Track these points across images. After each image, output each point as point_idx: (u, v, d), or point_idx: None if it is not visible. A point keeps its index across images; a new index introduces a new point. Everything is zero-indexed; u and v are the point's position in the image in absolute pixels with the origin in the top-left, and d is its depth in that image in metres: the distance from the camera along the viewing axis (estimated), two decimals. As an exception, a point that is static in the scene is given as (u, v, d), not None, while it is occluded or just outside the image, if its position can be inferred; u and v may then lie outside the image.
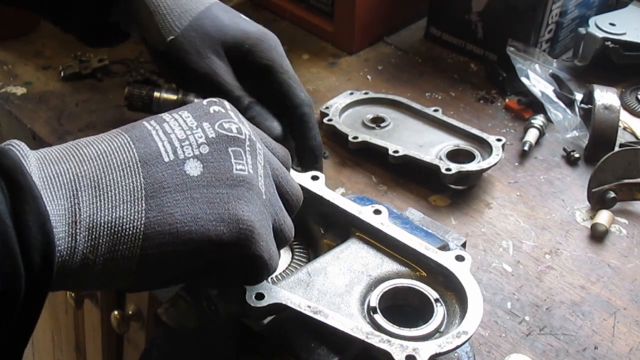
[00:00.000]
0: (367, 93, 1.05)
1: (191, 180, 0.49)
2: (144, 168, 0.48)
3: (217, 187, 0.49)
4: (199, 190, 0.49)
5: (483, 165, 0.89)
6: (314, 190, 0.66)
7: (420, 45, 1.24)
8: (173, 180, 0.48)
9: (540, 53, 1.10)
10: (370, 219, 0.64)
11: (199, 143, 0.50)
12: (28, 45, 1.20)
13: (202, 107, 0.53)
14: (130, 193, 0.47)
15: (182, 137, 0.50)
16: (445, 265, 0.61)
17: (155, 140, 0.49)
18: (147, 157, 0.48)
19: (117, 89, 1.09)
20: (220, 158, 0.50)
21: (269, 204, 0.52)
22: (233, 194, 0.50)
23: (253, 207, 0.50)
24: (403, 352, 0.53)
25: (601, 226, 0.85)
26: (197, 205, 0.48)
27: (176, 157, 0.49)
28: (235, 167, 0.50)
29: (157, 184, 0.48)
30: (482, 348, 0.72)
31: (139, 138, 0.49)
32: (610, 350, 0.72)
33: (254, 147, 0.52)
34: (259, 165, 0.52)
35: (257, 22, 0.77)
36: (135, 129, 0.50)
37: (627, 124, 1.04)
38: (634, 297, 0.78)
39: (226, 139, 0.51)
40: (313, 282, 0.60)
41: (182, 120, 0.51)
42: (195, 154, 0.50)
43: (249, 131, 0.53)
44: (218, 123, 0.52)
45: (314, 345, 0.59)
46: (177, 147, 0.49)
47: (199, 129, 0.51)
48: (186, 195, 0.48)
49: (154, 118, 0.52)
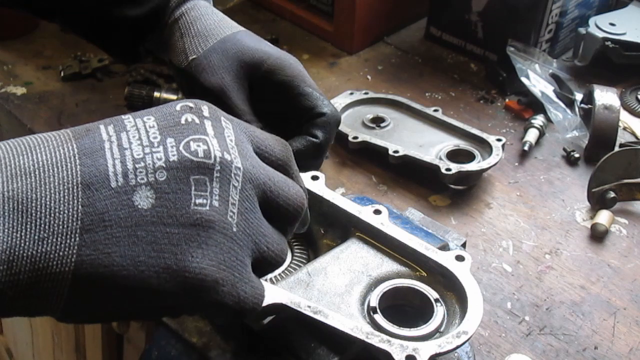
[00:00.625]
0: (367, 93, 1.05)
1: (138, 214, 0.42)
2: (85, 193, 0.41)
3: (168, 226, 0.42)
4: (146, 227, 0.42)
5: (483, 165, 0.89)
6: (314, 190, 0.66)
7: (420, 45, 1.24)
8: (117, 212, 0.41)
9: (540, 53, 1.10)
10: (370, 219, 0.64)
11: (156, 167, 0.42)
12: (28, 45, 1.20)
13: (173, 114, 0.46)
14: (63, 223, 0.40)
15: (139, 156, 0.43)
16: (445, 265, 0.61)
17: (105, 157, 0.42)
18: (91, 179, 0.41)
19: (117, 89, 1.09)
20: (178, 188, 0.43)
21: (242, 236, 0.46)
22: (186, 234, 0.42)
23: (210, 250, 0.43)
24: (403, 352, 0.53)
25: (601, 226, 0.85)
26: (141, 246, 0.41)
27: (126, 182, 0.42)
28: (194, 200, 0.43)
29: (97, 214, 0.41)
30: (482, 348, 0.72)
31: (88, 150, 0.42)
32: (610, 350, 0.72)
33: (226, 171, 0.45)
34: (232, 192, 0.45)
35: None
36: (87, 136, 0.43)
37: (627, 124, 1.04)
38: (634, 297, 0.78)
39: (189, 164, 0.43)
40: (313, 282, 0.60)
41: (144, 132, 0.44)
42: (150, 181, 0.42)
43: (220, 152, 0.45)
44: (185, 142, 0.44)
45: (314, 345, 0.59)
46: (130, 170, 0.42)
47: (161, 147, 0.43)
48: (129, 232, 0.41)
49: (114, 121, 0.45)
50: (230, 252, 0.45)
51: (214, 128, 0.46)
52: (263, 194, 0.47)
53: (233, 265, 0.45)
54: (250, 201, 0.46)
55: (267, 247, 0.48)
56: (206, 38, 0.73)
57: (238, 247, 0.45)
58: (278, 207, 0.49)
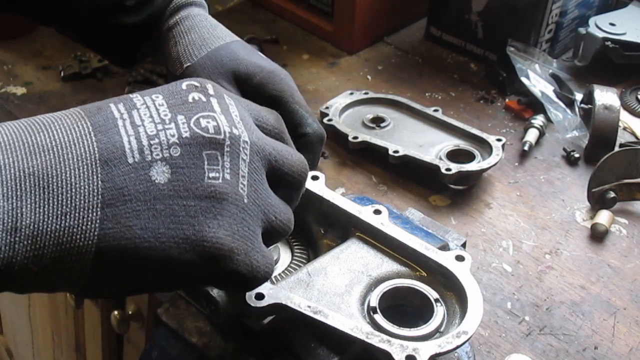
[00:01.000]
0: (367, 93, 1.05)
1: (156, 188, 0.43)
2: (104, 169, 0.42)
3: (185, 199, 0.44)
4: (163, 200, 0.43)
5: (483, 165, 0.89)
6: (314, 190, 0.66)
7: (420, 45, 1.24)
8: (136, 186, 0.42)
9: (540, 53, 1.10)
10: (370, 219, 0.64)
11: (170, 143, 0.44)
12: (28, 45, 1.20)
13: (180, 92, 0.47)
14: (84, 198, 0.41)
15: (152, 132, 0.44)
16: (445, 265, 0.61)
17: (120, 134, 0.43)
18: (108, 155, 0.42)
19: (117, 89, 1.09)
20: (192, 163, 0.44)
21: (253, 207, 0.47)
22: (202, 207, 0.44)
23: (225, 220, 0.45)
24: (403, 352, 0.53)
25: (601, 226, 0.85)
26: (160, 218, 0.43)
27: (142, 158, 0.43)
28: (207, 174, 0.45)
29: (116, 189, 0.42)
30: (482, 348, 0.72)
31: (102, 128, 0.43)
32: (610, 350, 0.72)
33: (235, 145, 0.47)
34: (241, 165, 0.47)
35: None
36: (99, 114, 0.44)
37: (627, 124, 1.04)
38: (634, 297, 0.78)
39: (202, 140, 0.45)
40: (313, 282, 0.60)
41: (154, 110, 0.45)
42: (165, 157, 0.44)
43: (229, 127, 0.47)
44: (195, 118, 0.46)
45: (314, 345, 0.59)
46: (145, 146, 0.43)
47: (172, 123, 0.45)
48: (149, 205, 0.43)
49: (123, 100, 0.46)
50: (243, 222, 0.46)
51: (219, 105, 0.48)
52: (269, 164, 0.49)
53: (246, 235, 0.47)
54: (259, 173, 0.48)
55: (275, 216, 0.49)
56: (200, 47, 0.74)
57: (250, 217, 0.47)
58: (284, 175, 0.51)
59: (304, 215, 0.68)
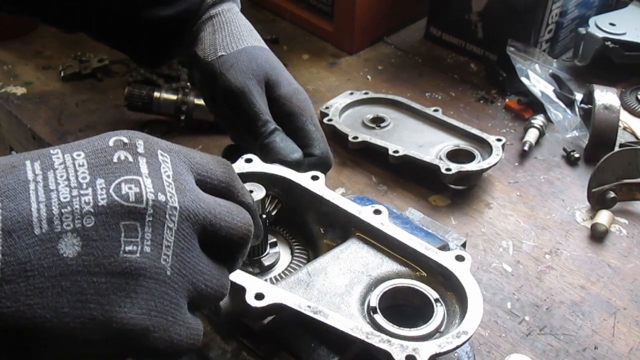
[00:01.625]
0: (367, 93, 1.05)
1: (63, 263, 0.39)
2: (6, 240, 0.38)
3: (95, 275, 0.40)
4: (71, 277, 0.39)
5: (483, 165, 0.89)
6: (314, 190, 0.66)
7: (420, 45, 1.24)
8: (40, 261, 0.39)
9: (540, 53, 1.10)
10: (370, 219, 0.64)
11: (84, 212, 0.40)
12: (28, 45, 1.20)
13: (106, 150, 0.43)
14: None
15: (65, 199, 0.40)
16: (445, 265, 0.61)
17: (30, 200, 0.39)
18: (13, 225, 0.39)
19: (117, 89, 1.09)
20: (107, 235, 0.40)
21: (177, 278, 0.44)
22: (114, 284, 0.40)
23: (140, 297, 0.42)
24: (403, 352, 0.53)
25: (601, 226, 0.85)
26: (65, 296, 0.39)
27: (51, 229, 0.39)
28: (123, 247, 0.41)
29: (18, 264, 0.38)
30: (482, 348, 0.72)
31: (12, 192, 0.40)
32: (610, 350, 0.72)
33: (160, 214, 0.43)
34: (166, 234, 0.43)
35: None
36: (12, 174, 0.41)
37: (627, 124, 1.04)
38: (634, 297, 0.78)
39: (119, 209, 0.41)
40: (313, 282, 0.60)
41: (72, 171, 0.41)
42: (76, 227, 0.40)
43: (153, 193, 0.42)
44: (116, 183, 0.42)
45: (314, 345, 0.58)
46: (55, 215, 0.39)
47: (90, 189, 0.41)
48: (53, 282, 0.39)
49: (41, 157, 0.42)
50: (164, 296, 0.43)
51: (148, 165, 0.44)
52: (203, 229, 0.45)
53: (166, 309, 0.43)
54: (187, 240, 0.44)
55: (205, 284, 0.46)
56: (238, 40, 0.76)
57: (172, 289, 0.44)
58: (221, 239, 0.47)
59: (304, 215, 0.68)
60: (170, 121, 1.01)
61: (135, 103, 0.99)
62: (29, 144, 1.05)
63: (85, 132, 1.01)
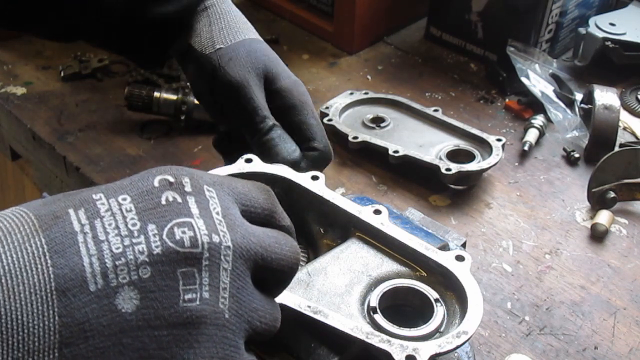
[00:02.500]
0: (367, 93, 1.05)
1: (123, 319, 0.37)
2: (61, 300, 0.36)
3: (156, 328, 0.38)
4: (131, 333, 0.37)
5: (483, 165, 0.89)
6: (314, 190, 0.66)
7: (420, 45, 1.24)
8: (99, 319, 0.36)
9: (540, 53, 1.10)
10: (370, 219, 0.64)
11: (139, 263, 0.38)
12: (28, 45, 1.20)
13: (152, 192, 0.41)
14: (39, 339, 0.35)
15: (118, 250, 0.38)
16: (445, 265, 0.61)
17: (80, 254, 0.37)
18: (66, 283, 0.36)
19: (117, 89, 1.09)
20: (165, 285, 0.38)
21: (235, 320, 0.42)
22: (176, 336, 0.39)
23: (202, 347, 0.40)
24: (403, 352, 0.53)
25: (601, 226, 0.85)
26: (127, 354, 0.37)
27: (106, 283, 0.37)
28: (182, 297, 0.39)
29: (76, 325, 0.36)
30: (482, 348, 0.72)
31: (60, 247, 0.37)
32: (610, 350, 0.72)
33: (215, 256, 0.40)
34: (222, 276, 0.41)
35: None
36: (56, 226, 0.38)
37: (627, 124, 1.04)
38: (634, 297, 0.78)
39: (175, 257, 0.39)
40: (313, 282, 0.60)
41: (121, 218, 0.39)
42: (133, 280, 0.37)
43: (208, 235, 0.40)
44: (168, 228, 0.39)
45: (314, 345, 0.58)
46: (109, 269, 0.37)
47: (142, 236, 0.38)
48: (114, 340, 0.37)
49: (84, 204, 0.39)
50: (224, 341, 0.41)
51: (198, 205, 0.42)
52: (255, 264, 0.44)
53: (226, 354, 0.42)
54: (242, 278, 0.43)
55: (260, 321, 0.44)
56: (236, 32, 0.75)
57: (231, 332, 0.42)
58: (272, 272, 0.45)
59: (304, 215, 0.67)
60: (170, 121, 1.01)
61: (135, 103, 0.99)
62: (29, 144, 1.05)
63: (85, 132, 1.01)
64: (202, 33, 0.75)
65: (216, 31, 0.75)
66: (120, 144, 0.99)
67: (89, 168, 0.94)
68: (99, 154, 0.97)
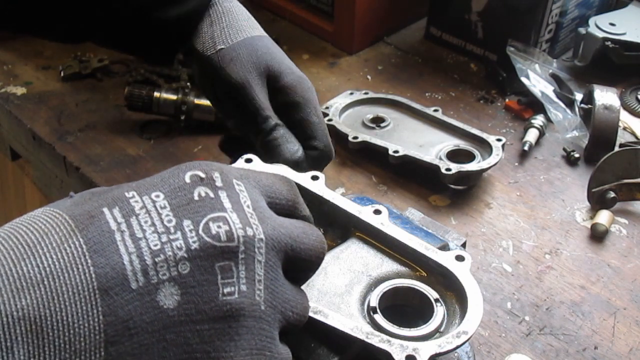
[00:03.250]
0: (367, 93, 1.05)
1: (165, 315, 0.38)
2: (104, 299, 0.36)
3: (198, 323, 0.39)
4: (174, 328, 0.38)
5: (483, 165, 0.89)
6: (314, 190, 0.66)
7: (420, 45, 1.24)
8: (142, 316, 0.37)
9: (540, 53, 1.10)
10: (370, 219, 0.64)
11: (178, 259, 0.38)
12: (28, 45, 1.20)
13: (184, 188, 0.41)
14: (85, 339, 0.36)
15: (156, 247, 0.38)
16: (445, 265, 0.61)
17: (120, 252, 0.37)
18: (108, 282, 0.37)
19: (117, 89, 1.09)
20: (204, 280, 0.39)
21: (270, 311, 0.43)
22: (217, 329, 0.40)
23: (242, 339, 0.41)
24: (403, 352, 0.53)
25: (601, 226, 0.85)
26: (171, 350, 0.38)
27: (147, 280, 0.38)
28: (221, 290, 0.40)
29: (120, 323, 0.37)
30: (482, 348, 0.72)
31: (98, 246, 0.37)
32: (610, 350, 0.72)
33: (250, 249, 0.41)
34: (257, 269, 0.42)
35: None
36: (92, 225, 0.38)
37: (627, 124, 1.04)
38: (634, 297, 0.78)
39: (213, 251, 0.40)
40: (313, 282, 0.60)
41: (156, 215, 0.39)
42: (173, 276, 0.38)
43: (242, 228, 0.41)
44: (204, 223, 0.40)
45: (314, 345, 0.58)
46: (149, 265, 0.38)
47: (179, 232, 0.39)
48: (158, 337, 0.38)
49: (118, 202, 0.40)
50: (261, 332, 0.42)
51: (230, 199, 0.42)
52: (285, 254, 0.45)
53: (264, 345, 0.43)
54: (274, 270, 0.44)
55: (292, 312, 0.46)
56: (237, 31, 0.74)
57: (267, 324, 0.43)
58: (301, 262, 0.46)
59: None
60: (170, 121, 1.01)
61: (135, 103, 0.99)
62: (29, 144, 1.05)
63: (85, 132, 1.01)
64: (204, 34, 0.75)
65: (217, 31, 0.74)
66: (120, 144, 0.99)
67: (89, 168, 0.94)
68: (99, 154, 0.97)
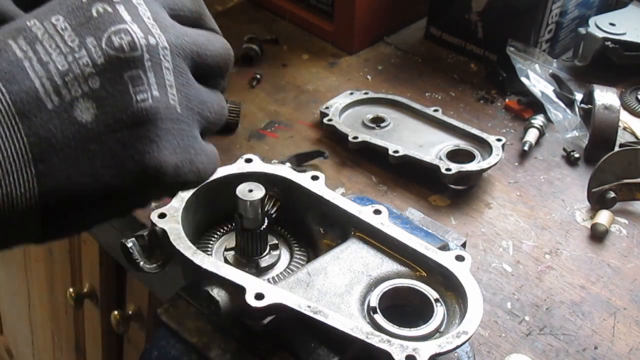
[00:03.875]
0: (367, 93, 1.05)
1: (84, 128, 0.40)
2: (24, 122, 0.38)
3: (117, 131, 0.41)
4: (96, 139, 0.41)
5: (483, 165, 0.89)
6: (314, 190, 0.66)
7: (420, 45, 1.24)
8: (63, 132, 0.40)
9: (540, 53, 1.10)
10: (370, 219, 0.64)
11: (87, 75, 0.40)
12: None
13: (82, 7, 0.42)
14: (13, 159, 0.38)
15: (64, 66, 0.40)
16: (445, 265, 0.61)
17: (30, 77, 0.39)
18: (24, 106, 0.39)
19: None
20: (116, 90, 0.41)
21: (187, 113, 0.46)
22: (137, 134, 0.42)
23: (163, 139, 0.44)
24: (403, 352, 0.53)
25: (601, 226, 0.85)
26: (96, 159, 0.41)
27: (60, 99, 0.40)
28: (135, 98, 0.42)
29: (43, 141, 0.39)
30: (482, 348, 0.72)
31: (9, 75, 0.39)
32: (610, 350, 0.72)
33: (155, 56, 0.43)
34: (166, 75, 0.44)
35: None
36: (1, 57, 0.40)
37: (627, 124, 1.04)
38: (634, 297, 0.78)
39: (118, 63, 0.41)
40: (313, 282, 0.60)
41: (58, 37, 0.41)
42: (85, 91, 0.40)
43: (144, 37, 0.43)
44: (106, 37, 0.41)
45: (314, 345, 0.59)
46: (60, 85, 0.40)
47: (83, 50, 0.41)
48: (82, 149, 0.40)
49: (21, 32, 0.41)
50: (181, 133, 0.45)
51: (128, 12, 0.43)
52: (192, 61, 0.47)
53: (186, 144, 0.46)
54: (184, 75, 0.46)
55: (210, 111, 0.48)
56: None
57: (186, 125, 0.46)
58: (209, 67, 0.48)
59: (304, 215, 0.68)
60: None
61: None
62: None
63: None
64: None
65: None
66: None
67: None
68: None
